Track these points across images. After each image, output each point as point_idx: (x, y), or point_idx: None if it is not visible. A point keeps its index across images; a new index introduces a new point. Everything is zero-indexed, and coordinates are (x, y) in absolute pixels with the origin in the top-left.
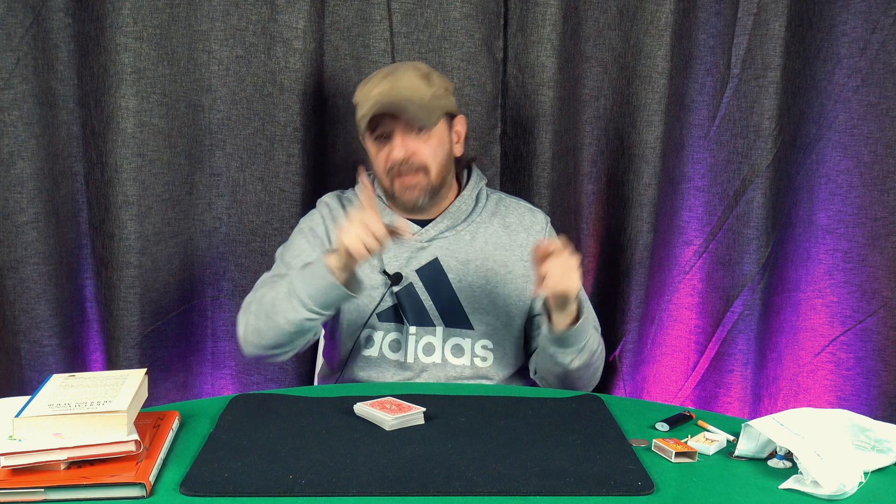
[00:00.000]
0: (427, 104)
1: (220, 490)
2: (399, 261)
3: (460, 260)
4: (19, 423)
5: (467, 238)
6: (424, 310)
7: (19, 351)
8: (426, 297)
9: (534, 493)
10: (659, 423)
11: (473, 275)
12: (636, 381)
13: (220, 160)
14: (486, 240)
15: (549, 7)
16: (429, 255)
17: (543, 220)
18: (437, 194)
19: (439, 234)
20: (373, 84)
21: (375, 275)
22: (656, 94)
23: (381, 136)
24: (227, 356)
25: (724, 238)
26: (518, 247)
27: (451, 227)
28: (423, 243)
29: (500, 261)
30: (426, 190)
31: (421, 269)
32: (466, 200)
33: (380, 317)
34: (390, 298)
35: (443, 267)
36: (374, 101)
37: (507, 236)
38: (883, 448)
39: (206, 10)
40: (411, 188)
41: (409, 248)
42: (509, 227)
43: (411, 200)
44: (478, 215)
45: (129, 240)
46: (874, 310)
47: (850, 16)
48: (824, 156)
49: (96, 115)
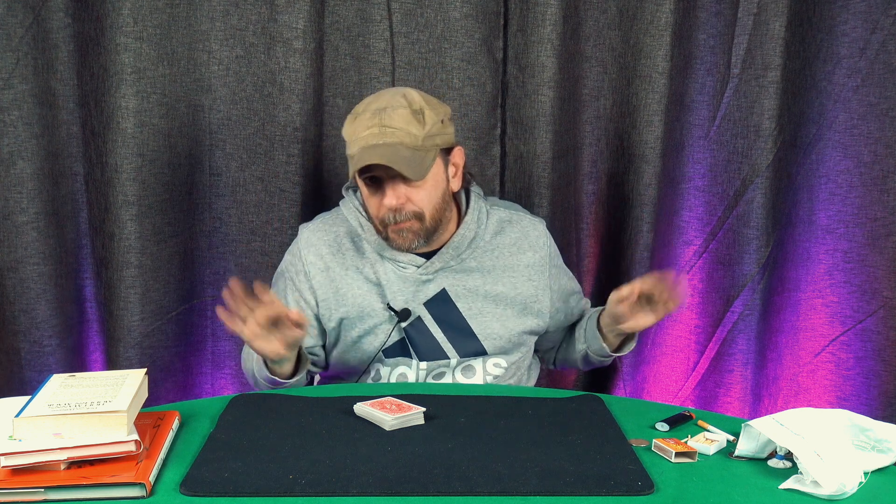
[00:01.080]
0: (420, 146)
1: (220, 490)
2: (405, 295)
3: (468, 288)
4: (19, 423)
5: (473, 265)
6: (437, 343)
7: (19, 351)
8: (436, 330)
9: (534, 493)
10: (659, 423)
11: (483, 301)
12: (636, 381)
13: (220, 160)
14: (494, 263)
15: (549, 7)
16: (436, 287)
17: (544, 231)
18: (432, 236)
19: (445, 266)
20: (361, 123)
21: (377, 311)
22: (656, 94)
23: (372, 179)
24: (227, 356)
25: (724, 238)
26: (525, 267)
27: (455, 256)
28: (429, 275)
29: (508, 283)
30: (420, 235)
31: (429, 303)
32: (470, 227)
33: (385, 353)
34: (397, 334)
35: (450, 297)
36: (364, 146)
37: (512, 256)
38: (883, 448)
39: (206, 10)
40: (405, 233)
41: (413, 281)
42: (513, 246)
43: (405, 245)
44: (481, 240)
45: (129, 240)
46: (874, 310)
47: (850, 16)
48: (824, 156)
49: (96, 115)
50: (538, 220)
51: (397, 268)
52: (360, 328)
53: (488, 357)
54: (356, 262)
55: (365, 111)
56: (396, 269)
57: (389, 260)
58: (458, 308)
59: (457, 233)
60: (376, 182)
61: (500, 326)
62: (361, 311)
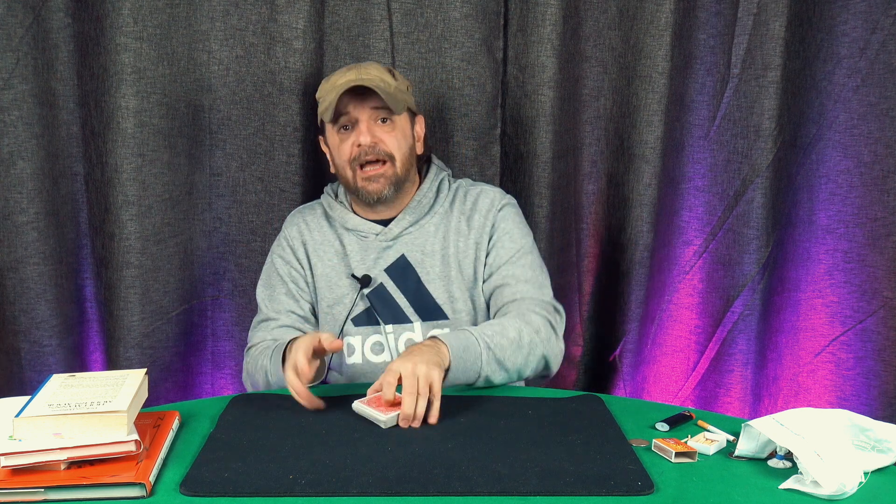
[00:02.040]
0: (393, 92)
1: (220, 490)
2: (366, 263)
3: (426, 252)
4: (19, 423)
5: (431, 230)
6: (399, 307)
7: (19, 351)
8: (398, 294)
9: (534, 493)
10: (659, 423)
11: (441, 265)
12: (636, 381)
13: (220, 160)
14: (448, 228)
15: (549, 7)
16: (395, 253)
17: (502, 203)
18: (401, 188)
19: (403, 231)
20: (338, 76)
21: (343, 280)
22: (656, 94)
23: (345, 127)
24: (227, 356)
25: (724, 238)
26: (474, 230)
27: (413, 222)
28: (388, 242)
29: (460, 247)
30: (391, 180)
31: (389, 268)
32: (427, 193)
33: (355, 322)
34: (362, 302)
35: (410, 262)
36: (342, 87)
37: (464, 222)
38: (883, 448)
39: (206, 10)
40: (376, 178)
41: (375, 248)
42: (466, 212)
43: (376, 192)
44: (439, 206)
45: (129, 240)
46: (874, 310)
47: (850, 16)
48: (824, 156)
49: (96, 115)
50: (499, 192)
51: (359, 238)
52: (328, 298)
53: (456, 326)
54: (326, 237)
55: (338, 71)
56: (359, 238)
57: (352, 231)
58: (416, 272)
59: (413, 197)
60: (349, 129)
61: (457, 289)
62: (329, 282)
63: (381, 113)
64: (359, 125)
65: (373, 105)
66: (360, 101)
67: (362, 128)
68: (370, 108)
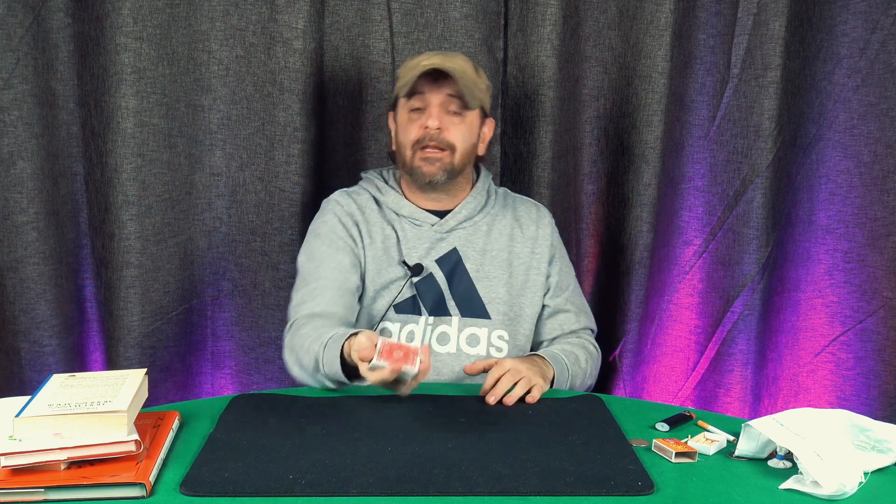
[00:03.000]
0: (471, 85)
1: (220, 490)
2: (419, 252)
3: (478, 250)
4: (19, 423)
5: (484, 229)
6: (443, 299)
7: (19, 351)
8: (445, 286)
9: (534, 493)
10: (659, 423)
11: (490, 265)
12: (636, 381)
13: (220, 160)
14: (501, 231)
15: (549, 7)
16: (447, 246)
17: (548, 216)
18: (454, 178)
19: (458, 225)
20: (423, 56)
21: (394, 266)
22: (656, 94)
23: (417, 109)
24: (227, 356)
25: (724, 238)
26: (529, 239)
27: (468, 217)
28: (443, 234)
29: (514, 252)
30: (447, 167)
31: (440, 259)
32: (481, 192)
33: (396, 308)
34: (409, 290)
35: (461, 257)
36: (424, 67)
37: (518, 228)
38: (883, 448)
39: (206, 10)
40: (433, 161)
41: (428, 238)
42: (519, 219)
43: (430, 174)
44: (491, 207)
45: (129, 240)
46: (874, 310)
47: (850, 16)
48: (824, 156)
49: (96, 115)
50: (544, 207)
51: (413, 225)
52: (377, 283)
53: (493, 329)
54: (377, 221)
55: (425, 53)
56: (412, 226)
57: (406, 218)
58: (466, 268)
59: (470, 193)
60: (420, 112)
61: (505, 292)
62: (379, 266)
63: (455, 103)
64: (430, 108)
65: (448, 92)
66: (437, 85)
67: (433, 111)
68: (445, 94)
